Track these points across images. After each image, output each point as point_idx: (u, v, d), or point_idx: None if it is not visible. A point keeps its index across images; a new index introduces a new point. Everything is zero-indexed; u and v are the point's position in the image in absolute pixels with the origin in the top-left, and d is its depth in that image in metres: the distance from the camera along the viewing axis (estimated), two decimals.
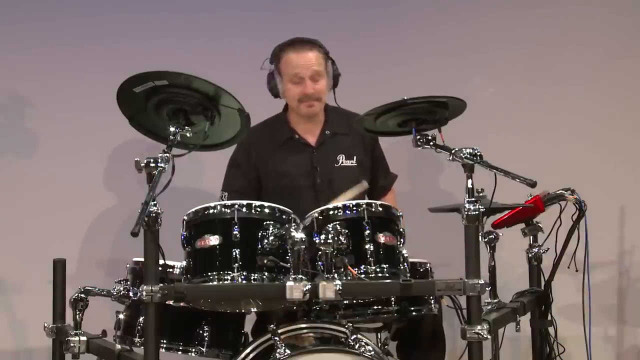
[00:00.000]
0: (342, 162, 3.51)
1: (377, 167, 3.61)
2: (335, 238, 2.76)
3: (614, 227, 4.19)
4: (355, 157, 3.52)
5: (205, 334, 2.96)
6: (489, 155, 2.74)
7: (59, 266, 3.15)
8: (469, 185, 2.68)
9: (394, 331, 3.15)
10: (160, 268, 2.66)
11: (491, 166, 2.73)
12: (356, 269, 2.76)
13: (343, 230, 2.79)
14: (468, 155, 2.70)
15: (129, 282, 3.02)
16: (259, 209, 2.81)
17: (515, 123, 4.28)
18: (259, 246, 2.74)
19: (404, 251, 2.88)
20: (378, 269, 2.78)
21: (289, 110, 3.56)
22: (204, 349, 2.96)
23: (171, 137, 2.69)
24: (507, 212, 3.34)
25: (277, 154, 3.50)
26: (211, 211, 2.80)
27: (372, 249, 2.79)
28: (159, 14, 4.29)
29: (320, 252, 2.75)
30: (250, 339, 3.05)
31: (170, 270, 2.92)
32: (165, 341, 2.90)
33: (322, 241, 2.75)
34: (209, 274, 2.73)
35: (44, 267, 3.23)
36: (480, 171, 2.72)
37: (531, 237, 3.44)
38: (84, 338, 3.04)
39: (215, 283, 2.73)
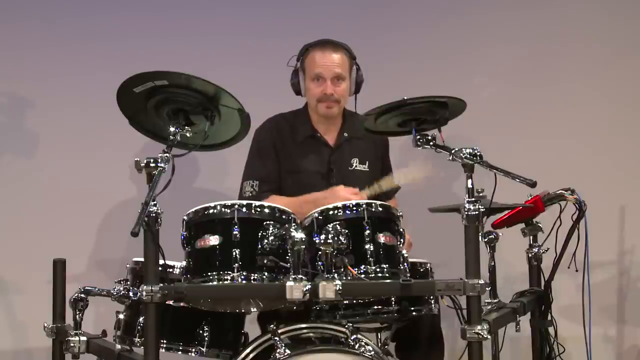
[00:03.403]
0: (355, 166, 3.54)
1: (384, 174, 3.62)
2: (335, 238, 2.76)
3: (614, 227, 4.18)
4: (367, 162, 3.55)
5: (205, 334, 2.96)
6: (489, 155, 2.74)
7: (59, 266, 3.15)
8: (469, 185, 2.69)
9: (394, 332, 3.15)
10: (160, 268, 2.66)
11: (491, 166, 2.73)
12: (356, 269, 2.76)
13: (343, 230, 2.79)
14: (468, 155, 2.70)
15: (129, 282, 3.02)
16: (259, 209, 2.81)
17: (515, 123, 4.28)
18: (259, 246, 2.74)
19: (404, 251, 2.88)
20: (378, 269, 2.78)
21: (310, 108, 3.57)
22: (204, 349, 2.96)
23: (171, 137, 2.70)
24: (507, 212, 3.34)
25: (297, 150, 3.52)
26: (211, 211, 2.79)
27: (372, 249, 2.79)
28: (159, 14, 4.30)
29: (320, 252, 2.75)
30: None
31: (170, 270, 2.93)
32: (165, 341, 2.91)
33: (322, 241, 2.74)
34: (209, 274, 2.73)
35: (44, 267, 3.23)
36: (480, 171, 2.72)
37: (531, 237, 3.44)
38: (84, 338, 3.03)
39: (215, 283, 2.72)
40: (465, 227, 2.65)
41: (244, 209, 2.79)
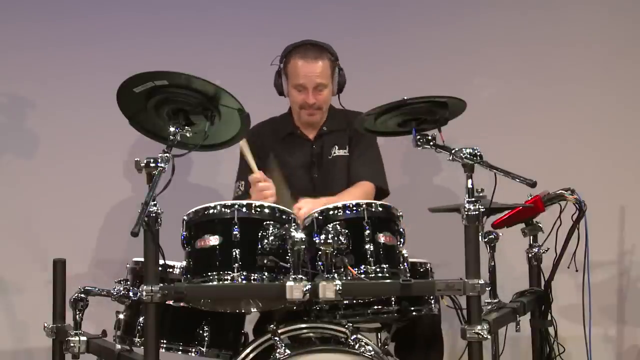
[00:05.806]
0: (335, 153, 3.55)
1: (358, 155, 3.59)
2: (335, 238, 2.76)
3: (614, 227, 4.18)
4: (347, 147, 3.55)
5: (205, 334, 2.96)
6: (489, 155, 2.74)
7: (59, 266, 3.15)
8: (469, 185, 2.68)
9: (394, 332, 3.15)
10: (160, 268, 2.66)
11: (491, 166, 2.73)
12: (356, 269, 2.76)
13: (343, 230, 2.79)
14: (468, 155, 2.70)
15: (129, 282, 3.02)
16: (259, 209, 2.81)
17: (515, 123, 4.28)
18: (259, 246, 2.74)
19: (404, 251, 2.88)
20: (378, 269, 2.78)
21: (293, 111, 3.60)
22: (204, 349, 2.96)
23: (171, 137, 2.69)
24: (507, 212, 3.34)
25: (279, 148, 3.56)
26: (211, 211, 2.80)
27: (372, 249, 2.79)
28: (159, 13, 4.30)
29: (320, 252, 2.75)
30: (252, 338, 3.06)
31: (170, 270, 2.93)
32: (165, 341, 2.91)
33: (322, 241, 2.75)
34: (209, 274, 2.73)
35: (44, 267, 3.23)
36: (480, 171, 2.72)
37: (531, 237, 3.44)
38: (84, 338, 3.03)
39: (215, 283, 2.72)
40: (465, 227, 2.65)
41: (244, 209, 2.79)
